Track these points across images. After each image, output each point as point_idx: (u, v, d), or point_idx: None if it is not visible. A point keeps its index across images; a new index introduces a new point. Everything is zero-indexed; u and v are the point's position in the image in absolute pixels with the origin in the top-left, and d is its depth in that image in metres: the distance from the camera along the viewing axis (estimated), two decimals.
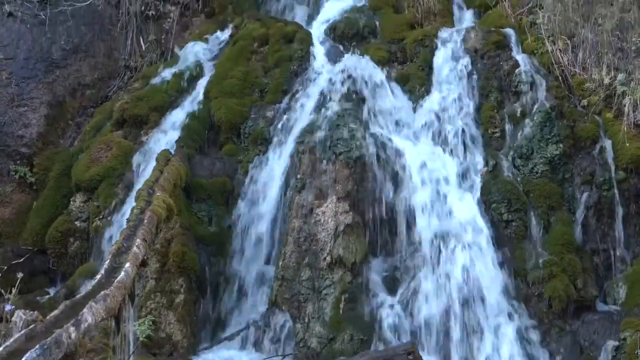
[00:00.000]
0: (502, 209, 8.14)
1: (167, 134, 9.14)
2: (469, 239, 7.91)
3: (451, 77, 9.30)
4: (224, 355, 7.69)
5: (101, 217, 8.63)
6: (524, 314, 7.70)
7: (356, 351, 7.35)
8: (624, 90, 8.41)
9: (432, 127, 8.90)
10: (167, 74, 10.06)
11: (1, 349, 3.81)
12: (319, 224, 7.95)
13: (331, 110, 8.72)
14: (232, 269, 8.26)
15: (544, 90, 8.84)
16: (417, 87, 9.30)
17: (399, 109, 9.08)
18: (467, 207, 8.18)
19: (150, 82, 10.05)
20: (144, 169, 8.65)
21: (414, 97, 9.23)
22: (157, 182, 7.35)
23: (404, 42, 9.95)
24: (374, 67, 9.41)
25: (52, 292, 8.74)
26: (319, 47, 10.01)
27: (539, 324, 7.66)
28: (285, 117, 9.07)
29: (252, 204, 8.50)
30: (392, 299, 7.77)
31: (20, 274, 6.32)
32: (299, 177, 8.27)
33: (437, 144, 8.80)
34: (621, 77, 8.51)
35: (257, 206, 8.46)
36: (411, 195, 8.15)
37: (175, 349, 7.61)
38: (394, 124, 8.94)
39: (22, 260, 8.88)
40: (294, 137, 8.70)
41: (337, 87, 9.04)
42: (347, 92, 8.94)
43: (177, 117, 9.33)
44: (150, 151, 8.91)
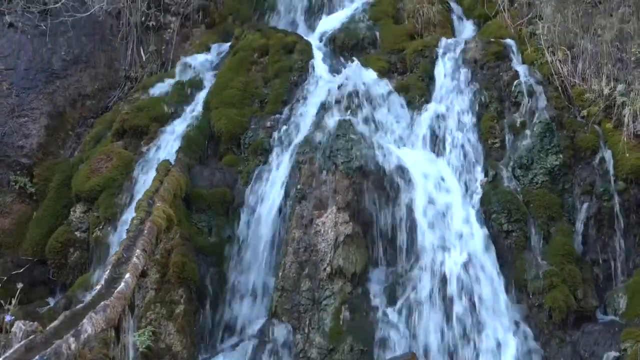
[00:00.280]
0: (502, 220, 8.15)
1: (167, 144, 9.14)
2: (469, 249, 7.91)
3: (451, 87, 9.32)
4: None
5: (101, 227, 8.62)
6: (524, 325, 7.69)
7: None
8: (624, 100, 8.42)
9: (432, 137, 8.92)
10: (167, 84, 10.08)
11: (1, 359, 3.81)
12: (319, 235, 7.95)
13: (331, 120, 8.72)
14: (232, 280, 8.24)
15: (543, 100, 8.85)
16: (417, 97, 9.31)
17: (399, 119, 9.10)
18: (467, 217, 8.19)
19: (150, 92, 10.06)
20: (144, 180, 8.64)
21: (413, 107, 9.25)
22: (157, 193, 7.35)
23: (404, 52, 9.98)
24: (374, 77, 9.43)
25: (52, 302, 8.73)
26: (319, 57, 10.03)
27: (539, 335, 7.65)
28: (285, 127, 9.08)
29: (252, 215, 8.49)
30: (392, 310, 7.75)
31: (20, 285, 6.32)
32: (298, 187, 8.27)
33: (437, 154, 8.81)
34: (621, 87, 8.52)
35: (257, 216, 8.45)
36: (411, 205, 8.14)
37: None
38: (394, 134, 8.95)
39: (22, 270, 8.89)
40: (293, 147, 8.70)
41: (337, 98, 9.05)
42: (347, 103, 8.96)
43: (178, 128, 9.34)
44: (150, 161, 8.92)
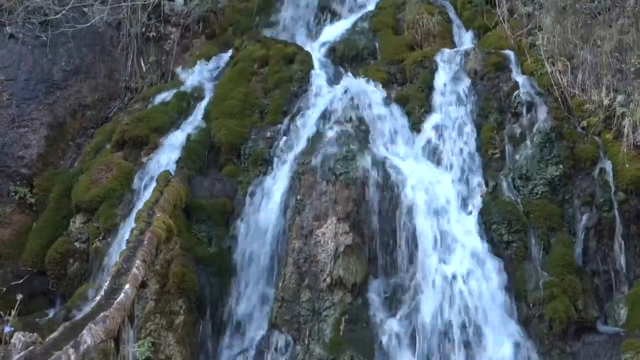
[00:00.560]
0: (502, 230, 8.14)
1: (167, 155, 9.14)
2: (469, 260, 7.90)
3: (451, 98, 9.33)
4: None
5: (101, 238, 8.61)
6: (525, 336, 7.68)
7: None
8: (624, 111, 8.43)
9: (432, 147, 8.92)
10: (167, 95, 10.09)
11: None
12: (318, 245, 7.94)
13: (331, 131, 8.73)
14: (232, 290, 8.23)
15: (543, 111, 8.86)
16: (416, 108, 9.32)
17: (399, 130, 9.10)
18: (467, 228, 8.19)
19: (150, 103, 10.07)
20: (144, 190, 8.65)
21: (413, 118, 9.25)
22: (157, 203, 7.35)
23: (403, 63, 9.99)
24: (374, 88, 9.44)
25: (51, 313, 8.72)
26: (319, 68, 10.04)
27: (539, 345, 7.63)
28: (285, 138, 9.08)
29: (252, 225, 8.49)
30: (392, 320, 7.74)
31: (19, 296, 6.31)
32: (298, 198, 8.27)
33: (437, 164, 8.81)
34: (620, 98, 8.53)
35: (257, 227, 8.44)
36: (411, 216, 8.14)
37: None
38: (394, 144, 8.96)
39: (21, 281, 8.88)
40: (293, 158, 8.71)
41: (336, 108, 9.06)
42: (346, 113, 8.96)
43: (177, 138, 9.34)
44: (150, 172, 8.92)
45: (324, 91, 9.56)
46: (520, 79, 9.27)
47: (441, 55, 9.86)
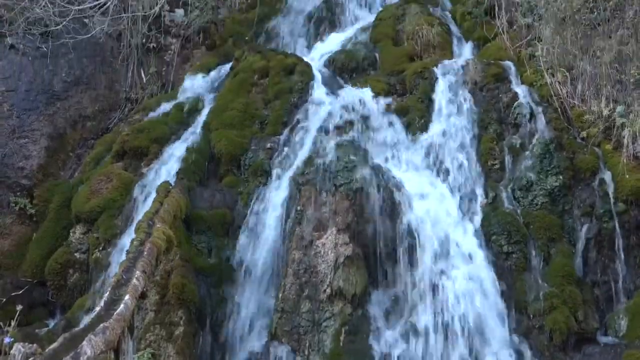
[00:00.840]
0: (502, 241, 8.14)
1: (168, 165, 9.14)
2: (469, 271, 7.90)
3: (451, 109, 9.34)
4: None
5: (101, 248, 8.61)
6: (525, 347, 7.67)
7: None
8: (623, 122, 8.44)
9: (432, 158, 8.93)
10: (167, 106, 10.11)
11: None
12: (319, 256, 7.94)
13: (331, 142, 8.74)
14: (232, 301, 8.22)
15: (543, 122, 8.87)
16: (416, 119, 9.32)
17: (399, 141, 9.11)
18: (467, 239, 8.19)
19: (150, 114, 10.09)
20: (144, 201, 8.65)
21: (413, 129, 9.26)
22: (157, 214, 7.35)
23: (403, 74, 9.99)
24: (374, 99, 9.44)
25: (51, 324, 8.71)
26: (319, 79, 10.04)
27: (540, 357, 7.62)
28: (285, 148, 9.08)
29: (252, 236, 8.48)
30: (392, 332, 7.73)
31: (19, 306, 6.30)
32: (298, 208, 8.27)
33: (437, 175, 8.81)
34: (620, 109, 8.54)
35: (257, 238, 8.44)
36: (411, 227, 8.14)
37: None
38: (394, 155, 8.96)
39: (21, 292, 8.88)
40: (294, 168, 8.71)
41: (337, 119, 9.07)
42: (346, 124, 8.97)
43: (178, 149, 9.34)
44: (150, 183, 8.92)
45: (324, 102, 9.56)
46: (520, 90, 9.27)
47: (441, 66, 9.86)
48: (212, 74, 10.69)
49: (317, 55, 11.01)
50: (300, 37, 11.73)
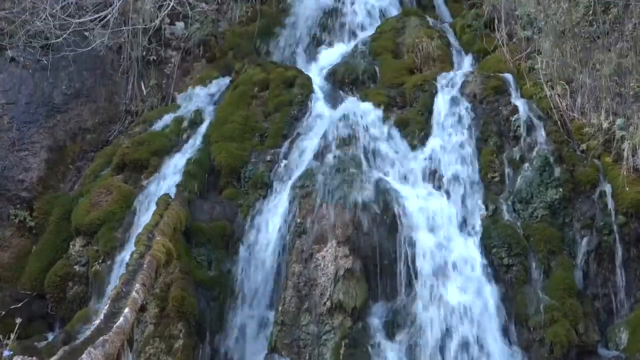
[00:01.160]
0: (503, 254, 8.13)
1: (168, 178, 9.15)
2: (469, 284, 7.89)
3: (450, 121, 9.34)
4: None
5: (100, 261, 8.60)
6: None
7: None
8: (623, 134, 8.45)
9: (432, 171, 8.92)
10: (167, 118, 10.11)
11: None
12: (318, 269, 7.93)
13: (331, 154, 8.74)
14: (232, 314, 8.21)
15: (543, 134, 8.87)
16: (416, 131, 9.33)
17: (399, 154, 9.10)
18: (467, 252, 8.18)
19: (150, 126, 10.09)
20: (144, 214, 8.64)
21: (413, 141, 9.26)
22: (156, 227, 7.35)
23: (403, 87, 10.01)
24: (374, 111, 9.45)
25: (50, 337, 8.69)
26: (319, 91, 10.06)
27: None
28: (285, 161, 9.09)
29: (252, 248, 8.48)
30: (392, 344, 7.71)
31: (18, 319, 6.28)
32: (298, 221, 8.26)
33: (437, 188, 8.80)
34: (620, 121, 8.55)
35: (257, 250, 8.43)
36: (411, 239, 8.13)
37: None
38: (394, 168, 8.96)
39: (20, 305, 8.87)
40: (293, 181, 8.71)
41: (336, 132, 9.07)
42: (346, 137, 8.97)
43: (178, 162, 9.35)
44: (150, 195, 8.92)
45: (324, 114, 9.57)
46: (519, 103, 9.28)
47: (441, 78, 9.88)
48: (212, 86, 10.70)
49: (317, 68, 11.03)
50: (300, 50, 11.75)
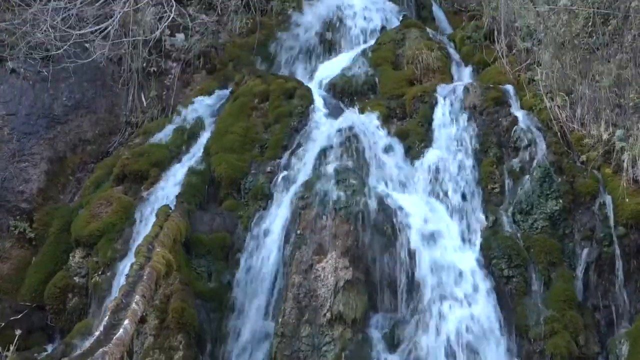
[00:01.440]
0: (503, 265, 8.13)
1: (168, 189, 9.15)
2: (469, 295, 7.88)
3: (450, 132, 9.35)
4: None
5: (100, 272, 8.59)
6: None
7: None
8: (623, 146, 8.44)
9: (432, 182, 8.92)
10: (168, 129, 10.12)
11: None
12: (318, 280, 7.92)
13: (331, 165, 8.75)
14: (232, 325, 8.20)
15: (543, 146, 8.87)
16: (416, 142, 9.34)
17: (399, 165, 9.11)
18: (467, 263, 8.17)
19: (151, 137, 10.10)
20: (144, 225, 8.64)
21: (413, 152, 9.27)
22: (156, 238, 7.35)
23: (403, 98, 10.02)
24: (374, 122, 9.47)
25: (50, 348, 8.68)
26: (319, 103, 10.06)
27: None
28: (285, 172, 9.09)
29: (252, 260, 8.47)
30: (392, 356, 7.70)
31: (18, 331, 6.30)
32: (298, 232, 8.26)
33: (437, 199, 8.81)
34: (619, 133, 8.55)
35: (257, 262, 8.43)
36: (411, 250, 8.12)
37: None
38: (394, 179, 8.96)
39: (20, 316, 8.85)
40: (293, 192, 8.71)
41: (336, 143, 9.08)
42: (346, 148, 8.98)
43: (178, 173, 9.36)
44: (150, 206, 8.92)
45: (324, 126, 9.58)
46: (519, 114, 9.28)
47: (441, 90, 9.88)
48: (213, 98, 10.72)
49: (317, 79, 11.05)
50: (300, 61, 11.77)
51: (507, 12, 10.67)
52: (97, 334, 5.28)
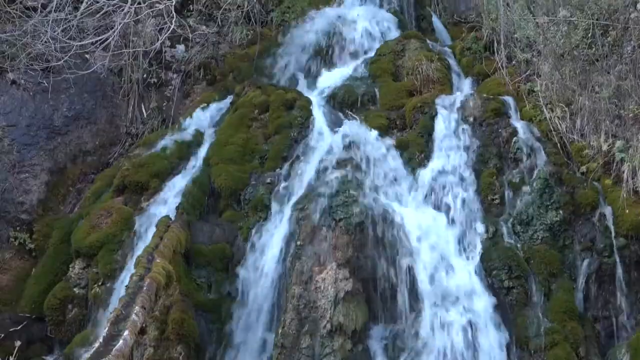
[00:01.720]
0: (503, 276, 8.12)
1: (168, 200, 9.15)
2: (469, 306, 7.88)
3: (450, 143, 9.34)
4: None
5: (100, 283, 8.59)
6: None
7: None
8: (623, 157, 8.45)
9: (432, 193, 8.92)
10: (168, 140, 10.12)
11: None
12: (318, 291, 7.92)
13: (331, 176, 8.74)
14: (232, 337, 8.19)
15: (543, 157, 8.88)
16: (416, 153, 9.34)
17: (399, 176, 9.11)
18: (467, 274, 8.16)
19: (151, 148, 10.10)
20: (144, 236, 8.64)
21: (413, 163, 9.26)
22: (156, 249, 7.35)
23: (403, 109, 10.03)
24: (374, 134, 9.47)
25: None
26: (319, 114, 10.06)
27: None
28: (285, 183, 9.09)
29: (251, 271, 8.47)
30: None
31: (17, 342, 6.28)
32: (298, 243, 8.25)
33: (437, 210, 8.80)
34: (619, 144, 8.56)
35: (256, 273, 8.43)
36: (411, 262, 8.12)
37: None
38: (394, 190, 8.96)
39: (19, 327, 8.83)
40: (293, 203, 8.71)
41: (336, 154, 9.08)
42: (346, 159, 8.98)
43: (178, 184, 9.36)
44: (150, 217, 8.92)
45: (324, 137, 9.58)
46: (519, 125, 9.28)
47: (440, 101, 9.88)
48: (213, 109, 10.72)
49: (317, 90, 11.05)
50: (300, 72, 11.78)
51: (507, 24, 10.69)
52: (96, 345, 5.28)
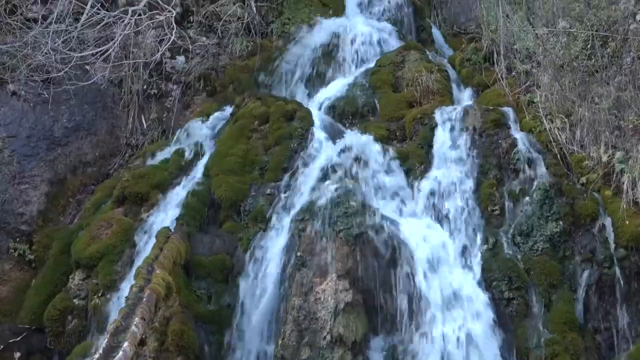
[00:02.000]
0: (503, 287, 8.11)
1: (168, 211, 9.15)
2: (469, 318, 7.86)
3: (450, 155, 9.36)
4: None
5: (100, 294, 8.57)
6: None
7: None
8: (622, 168, 8.45)
9: (432, 204, 8.93)
10: (168, 151, 10.13)
11: None
12: (318, 302, 7.90)
13: (331, 187, 8.74)
14: (232, 348, 8.17)
15: (542, 167, 8.88)
16: (416, 164, 9.35)
17: (399, 187, 9.12)
18: (467, 285, 8.15)
19: (151, 159, 10.11)
20: (144, 247, 8.64)
21: (413, 174, 9.27)
22: (156, 260, 7.35)
23: (403, 120, 10.05)
24: (374, 145, 9.47)
25: None
26: (319, 125, 10.06)
27: None
28: (285, 194, 9.09)
29: (251, 282, 8.46)
30: None
31: (17, 353, 6.29)
32: (298, 254, 8.24)
33: (437, 221, 8.81)
34: (619, 155, 8.57)
35: (256, 284, 8.41)
36: (411, 273, 8.11)
37: None
38: (394, 201, 8.97)
39: (19, 338, 8.82)
40: (293, 214, 8.70)
41: (336, 165, 9.09)
42: (346, 170, 8.99)
43: (178, 195, 9.35)
44: (150, 228, 8.91)
45: (324, 148, 9.58)
46: (519, 136, 9.30)
47: (440, 112, 9.89)
48: (213, 120, 10.73)
49: (317, 101, 11.07)
50: (300, 84, 11.80)
51: (506, 35, 10.72)
52: (96, 356, 5.27)
